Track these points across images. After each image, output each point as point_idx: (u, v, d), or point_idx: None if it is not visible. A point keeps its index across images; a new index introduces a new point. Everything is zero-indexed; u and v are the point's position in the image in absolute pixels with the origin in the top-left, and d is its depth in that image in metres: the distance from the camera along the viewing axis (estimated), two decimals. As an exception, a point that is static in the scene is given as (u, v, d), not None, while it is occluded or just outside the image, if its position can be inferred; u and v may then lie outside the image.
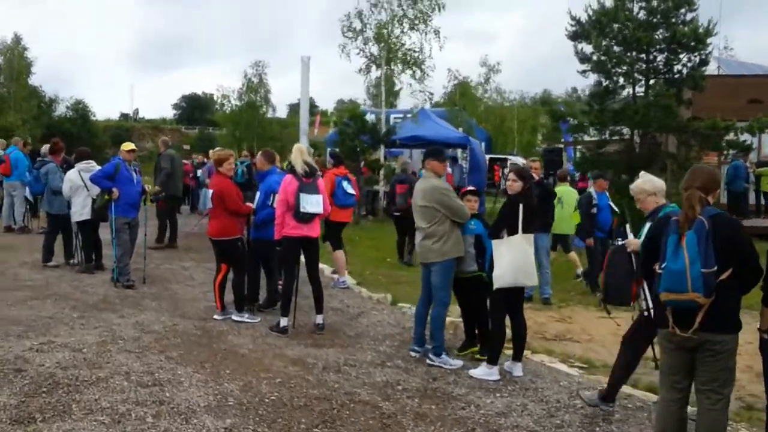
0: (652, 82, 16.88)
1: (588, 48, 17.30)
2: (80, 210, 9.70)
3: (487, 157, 28.63)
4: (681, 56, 16.46)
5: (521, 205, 5.95)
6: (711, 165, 16.88)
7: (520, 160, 38.35)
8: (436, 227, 6.34)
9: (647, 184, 5.27)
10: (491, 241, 6.47)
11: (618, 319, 8.79)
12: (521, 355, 6.26)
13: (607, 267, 5.34)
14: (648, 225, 5.25)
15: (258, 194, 8.06)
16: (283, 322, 7.22)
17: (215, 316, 7.68)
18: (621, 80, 17.06)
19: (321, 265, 8.60)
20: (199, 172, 19.85)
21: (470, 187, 6.79)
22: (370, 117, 19.02)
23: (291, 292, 7.29)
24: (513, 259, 5.86)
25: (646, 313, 5.03)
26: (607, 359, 6.83)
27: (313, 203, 7.13)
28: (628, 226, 5.51)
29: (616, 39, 16.57)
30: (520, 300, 6.19)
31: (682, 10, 16.30)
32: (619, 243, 5.42)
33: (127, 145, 9.58)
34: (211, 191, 7.57)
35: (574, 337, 7.75)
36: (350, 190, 9.88)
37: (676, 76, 16.60)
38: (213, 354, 6.37)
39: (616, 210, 10.43)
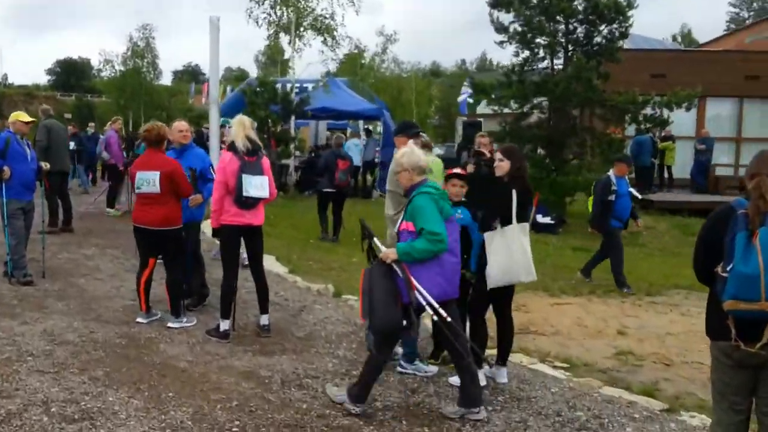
0: (570, 54, 16.62)
1: (506, 17, 16.85)
2: (-39, 192, 8.20)
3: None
4: (601, 28, 16.26)
5: (514, 190, 5.22)
6: (617, 138, 16.94)
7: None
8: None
9: (404, 156, 4.80)
10: (477, 234, 5.75)
11: (571, 305, 8.49)
12: (506, 358, 5.58)
13: (369, 290, 4.54)
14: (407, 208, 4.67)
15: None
16: (224, 325, 6.22)
17: (139, 319, 6.56)
18: (541, 52, 16.71)
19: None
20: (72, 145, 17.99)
21: (456, 170, 5.95)
22: (279, 86, 17.79)
23: (232, 290, 6.29)
24: (510, 254, 5.12)
25: (446, 317, 4.54)
26: (584, 356, 6.37)
27: (257, 186, 6.12)
28: (376, 239, 4.87)
29: (538, 8, 16.15)
30: (510, 297, 5.48)
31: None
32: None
33: (21, 115, 8.03)
34: (156, 172, 6.37)
35: (539, 330, 7.19)
36: None
37: (595, 48, 16.42)
38: (147, 370, 5.31)
39: (637, 196, 9.75)
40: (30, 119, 8.18)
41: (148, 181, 6.39)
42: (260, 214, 6.31)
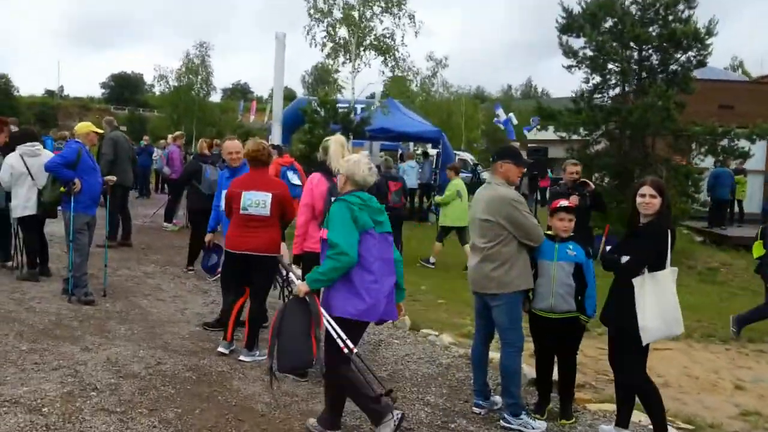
0: (643, 80, 15.87)
1: (576, 42, 16.21)
2: (23, 203, 7.81)
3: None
4: (677, 55, 15.50)
5: (669, 231, 4.56)
6: (695, 169, 15.99)
7: (467, 156, 37.53)
8: (499, 248, 4.88)
9: (348, 162, 4.51)
10: (592, 274, 5.11)
11: (672, 351, 7.72)
12: (629, 418, 4.88)
13: (278, 329, 4.23)
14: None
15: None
16: (301, 362, 5.63)
17: (220, 348, 5.97)
18: (613, 78, 16.00)
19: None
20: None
21: (563, 202, 5.30)
22: (341, 105, 17.37)
23: (312, 324, 5.70)
24: (663, 304, 4.44)
25: (352, 350, 4.24)
26: (706, 415, 5.62)
27: (347, 210, 5.57)
28: (291, 274, 4.61)
29: (611, 33, 15.48)
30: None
31: (680, 7, 15.33)
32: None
33: (92, 126, 7.63)
34: (268, 194, 5.84)
35: (645, 380, 6.44)
36: (295, 181, 8.37)
37: (669, 76, 15.66)
38: (222, 413, 4.72)
39: None
40: (95, 129, 7.80)
41: (258, 202, 5.82)
42: (347, 241, 5.75)
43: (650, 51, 15.81)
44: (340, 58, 19.46)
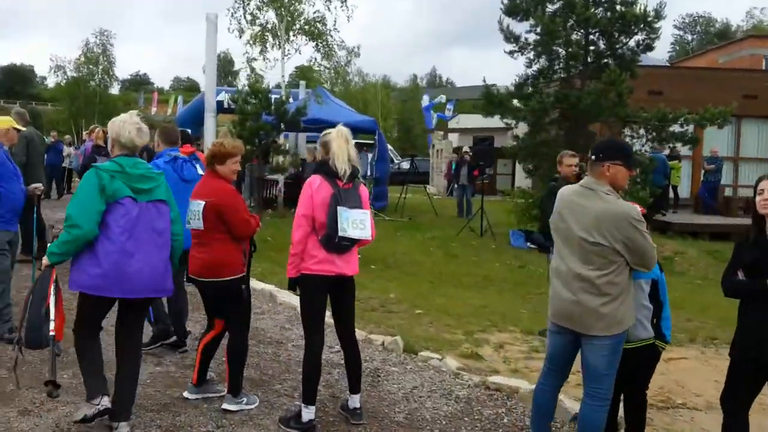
0: (590, 65, 15.44)
1: (518, 27, 15.62)
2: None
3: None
4: (625, 39, 15.13)
5: None
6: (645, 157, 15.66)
7: (390, 148, 36.83)
8: (611, 278, 3.83)
9: (114, 123, 4.31)
10: (665, 290, 4.27)
11: (688, 360, 7.05)
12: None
13: (27, 300, 4.11)
14: None
15: None
16: (308, 413, 4.51)
17: (185, 394, 4.86)
18: (558, 63, 15.48)
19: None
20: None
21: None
22: (274, 95, 16.10)
23: (317, 365, 4.61)
24: None
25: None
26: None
27: (356, 223, 4.48)
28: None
29: (559, 16, 14.92)
30: None
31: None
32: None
33: (8, 121, 6.02)
34: (201, 202, 4.64)
35: (687, 401, 5.70)
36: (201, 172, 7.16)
37: (617, 61, 15.27)
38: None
39: None
40: (22, 128, 6.37)
41: (194, 213, 4.66)
42: (354, 260, 4.67)
43: (597, 35, 15.40)
44: (258, 46, 18.14)
